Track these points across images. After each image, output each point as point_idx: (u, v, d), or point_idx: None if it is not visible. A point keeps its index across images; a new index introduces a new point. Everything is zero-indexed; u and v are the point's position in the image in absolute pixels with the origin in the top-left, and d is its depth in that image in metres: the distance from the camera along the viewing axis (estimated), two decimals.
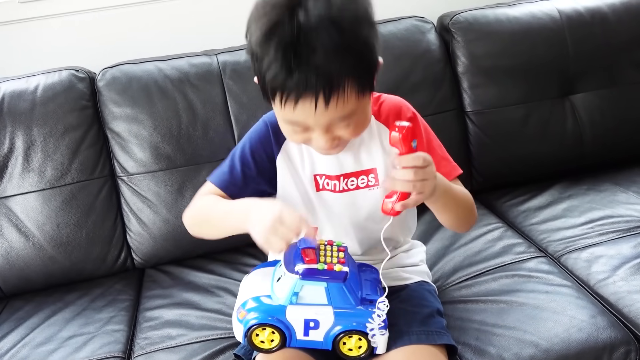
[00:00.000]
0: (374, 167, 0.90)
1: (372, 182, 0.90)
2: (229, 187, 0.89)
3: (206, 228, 0.90)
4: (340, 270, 0.81)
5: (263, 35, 0.71)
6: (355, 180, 0.90)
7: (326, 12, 0.69)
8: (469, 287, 1.03)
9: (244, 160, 0.90)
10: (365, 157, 0.90)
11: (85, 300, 1.17)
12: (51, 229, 1.20)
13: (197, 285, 1.18)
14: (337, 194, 0.91)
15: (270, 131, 0.90)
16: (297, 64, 0.69)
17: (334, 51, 0.69)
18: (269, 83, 0.73)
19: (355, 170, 0.90)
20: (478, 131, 1.39)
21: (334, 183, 0.90)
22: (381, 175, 0.90)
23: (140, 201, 1.25)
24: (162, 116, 1.24)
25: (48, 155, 1.20)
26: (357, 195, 0.91)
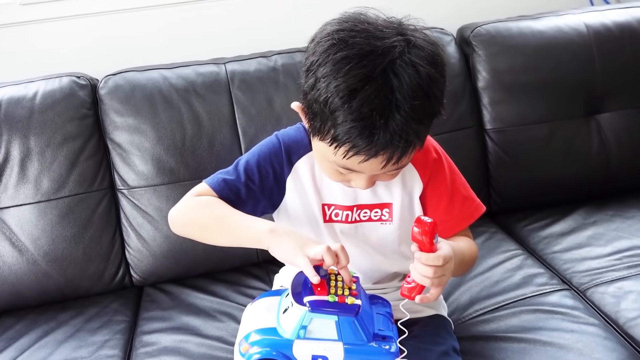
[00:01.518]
0: (391, 202, 0.89)
1: (385, 217, 0.89)
2: (228, 195, 0.87)
3: (199, 231, 0.87)
4: (352, 303, 0.78)
5: (347, 87, 0.70)
6: (368, 213, 0.89)
7: (415, 79, 0.71)
8: (487, 322, 1.00)
9: (249, 172, 0.87)
10: (383, 191, 0.88)
11: (80, 320, 1.14)
12: (46, 244, 1.18)
13: (197, 308, 1.15)
14: (347, 225, 0.89)
15: (282, 150, 0.88)
16: (381, 126, 0.71)
17: (417, 117, 0.72)
18: (340, 135, 0.73)
19: (370, 202, 0.89)
20: (498, 150, 1.36)
21: (345, 214, 0.89)
22: (396, 212, 0.89)
23: (140, 216, 1.23)
24: (165, 127, 1.21)
25: (45, 166, 1.18)
26: (368, 227, 0.89)
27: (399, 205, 0.88)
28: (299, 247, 0.76)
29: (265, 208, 0.91)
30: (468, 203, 0.91)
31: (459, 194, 0.91)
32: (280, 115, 1.25)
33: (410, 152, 0.75)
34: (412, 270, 0.76)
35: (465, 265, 0.89)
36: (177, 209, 0.88)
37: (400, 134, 0.71)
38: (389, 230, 0.89)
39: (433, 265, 0.74)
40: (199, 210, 0.85)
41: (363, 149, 0.72)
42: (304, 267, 0.74)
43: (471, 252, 0.90)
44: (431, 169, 0.89)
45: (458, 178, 0.92)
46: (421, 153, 0.88)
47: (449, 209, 0.90)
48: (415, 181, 0.89)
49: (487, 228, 1.31)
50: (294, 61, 1.28)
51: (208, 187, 0.88)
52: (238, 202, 0.86)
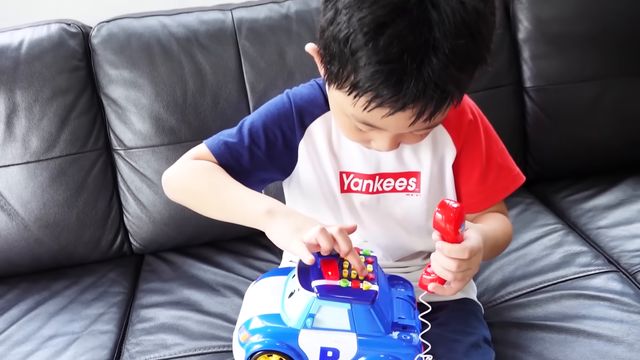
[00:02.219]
0: (419, 170, 0.78)
1: (412, 187, 0.79)
2: (229, 161, 0.77)
3: (192, 200, 0.78)
4: (368, 289, 0.68)
5: (374, 20, 0.57)
6: (392, 182, 0.79)
7: (460, 14, 0.58)
8: (522, 307, 0.90)
9: (254, 135, 0.77)
10: (410, 157, 0.77)
11: (74, 291, 1.08)
12: (37, 208, 1.10)
13: (200, 280, 1.07)
14: (367, 196, 0.79)
15: (294, 111, 0.77)
16: (413, 71, 0.58)
17: (458, 62, 0.59)
18: (362, 82, 0.60)
19: (395, 171, 0.78)
20: (538, 111, 1.24)
21: (366, 183, 0.79)
22: (425, 182, 0.78)
23: (138, 179, 1.14)
24: (165, 82, 1.11)
25: (33, 123, 1.09)
26: (392, 199, 0.79)
27: (428, 174, 0.78)
28: (295, 230, 0.66)
29: (274, 176, 0.81)
30: (505, 173, 0.81)
31: (494, 162, 0.80)
32: (292, 69, 1.14)
33: (445, 106, 0.63)
34: (433, 261, 0.67)
35: (497, 250, 0.79)
36: (172, 172, 0.79)
37: (436, 82, 0.58)
38: (416, 203, 0.79)
39: (457, 259, 0.64)
40: (194, 177, 0.76)
41: (388, 100, 0.60)
42: (297, 252, 0.64)
43: (505, 234, 0.80)
44: (466, 132, 0.78)
45: (495, 144, 0.81)
46: (455, 113, 0.76)
47: (482, 180, 0.79)
48: (448, 146, 0.78)
49: (522, 198, 1.20)
50: (310, 8, 1.16)
51: (207, 149, 0.77)
52: (240, 170, 0.77)
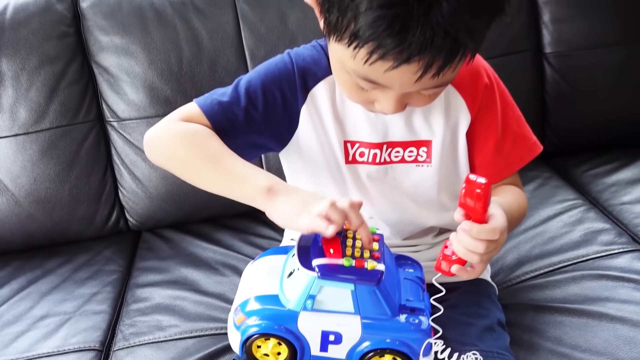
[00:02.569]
0: (430, 139, 0.72)
1: (422, 157, 0.73)
2: (221, 123, 0.70)
3: (179, 168, 0.70)
4: (373, 268, 0.63)
5: None
6: (401, 152, 0.73)
7: None
8: (539, 289, 0.84)
9: (252, 96, 0.70)
10: (421, 124, 0.72)
11: (68, 269, 1.04)
12: (27, 183, 1.06)
13: (198, 258, 1.03)
14: (374, 167, 0.73)
15: (296, 72, 0.71)
16: (420, 17, 0.52)
17: (472, 8, 0.53)
18: (362, 30, 0.54)
19: (404, 139, 0.72)
20: (558, 78, 1.17)
21: (373, 153, 0.73)
22: (436, 152, 0.73)
23: (133, 152, 1.09)
24: (159, 48, 1.05)
25: (21, 94, 1.04)
26: (400, 170, 0.74)
27: (440, 143, 0.72)
28: (302, 206, 0.60)
29: (268, 143, 0.75)
30: (521, 141, 0.76)
31: (510, 130, 0.74)
32: (295, 34, 1.07)
33: (457, 60, 0.57)
34: (456, 244, 0.61)
35: (512, 226, 0.73)
36: (156, 133, 0.71)
37: (445, 29, 0.53)
38: (427, 174, 0.74)
39: (486, 240, 0.58)
40: (182, 142, 0.68)
41: (391, 51, 0.54)
42: (309, 227, 0.59)
43: (520, 208, 0.75)
44: (482, 97, 0.72)
45: (511, 110, 0.75)
46: (470, 76, 0.70)
47: (497, 149, 0.74)
48: (462, 112, 0.72)
49: (540, 172, 1.14)
50: None
51: (198, 109, 0.71)
52: (233, 133, 0.70)
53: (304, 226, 0.59)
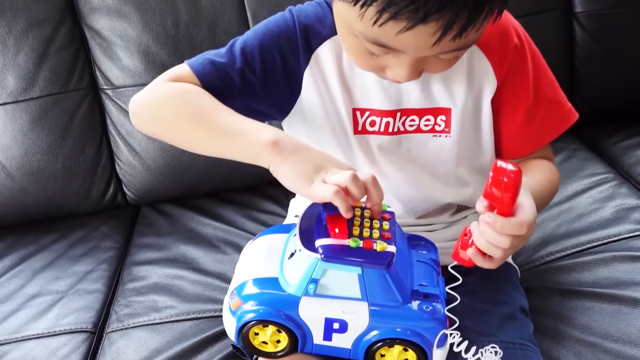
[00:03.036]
0: (449, 107, 0.65)
1: (440, 127, 0.66)
2: (214, 84, 0.63)
3: (170, 132, 0.63)
4: (382, 250, 0.57)
5: None
6: (417, 121, 0.66)
7: None
8: (566, 271, 0.78)
9: (249, 57, 0.64)
10: (440, 90, 0.65)
11: (62, 245, 1.01)
12: (18, 155, 1.02)
13: (199, 235, 0.98)
14: (387, 137, 0.67)
15: (298, 30, 0.64)
16: None
17: None
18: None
19: (420, 106, 0.65)
20: (589, 40, 1.10)
21: (385, 122, 0.66)
22: (456, 121, 0.66)
23: (129, 122, 1.04)
24: (153, 9, 0.99)
25: (8, 59, 0.99)
26: (416, 140, 0.67)
27: (461, 111, 0.65)
28: (314, 170, 0.54)
29: (267, 110, 0.68)
30: (555, 109, 0.68)
31: (543, 96, 0.67)
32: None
33: (482, 18, 0.50)
34: (477, 236, 0.55)
35: (541, 207, 0.67)
36: (143, 96, 0.65)
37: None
38: (445, 146, 0.67)
39: (512, 235, 0.52)
40: (169, 101, 0.62)
41: (405, 8, 0.47)
42: (321, 196, 0.53)
43: (551, 186, 0.69)
44: (511, 60, 0.64)
45: (544, 74, 0.68)
46: (497, 36, 0.63)
47: (528, 118, 0.67)
48: (487, 77, 0.65)
49: (567, 144, 1.07)
50: None
51: (189, 69, 0.64)
52: (228, 96, 0.63)
53: (317, 195, 0.53)
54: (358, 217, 0.61)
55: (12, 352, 0.78)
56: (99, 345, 0.80)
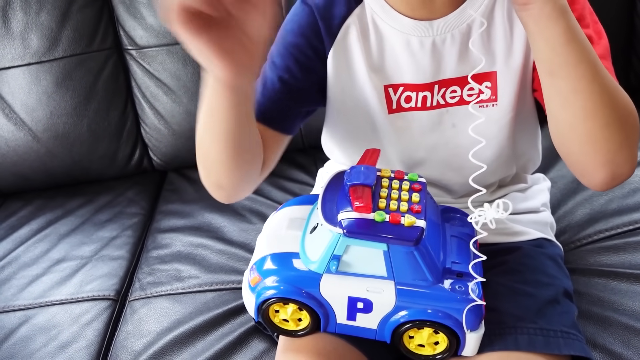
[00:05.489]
0: (493, 70, 0.59)
1: (486, 96, 0.60)
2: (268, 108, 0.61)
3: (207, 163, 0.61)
4: (411, 225, 0.53)
5: None
6: (458, 91, 0.61)
7: None
8: (615, 251, 0.72)
9: (284, 65, 0.61)
10: (481, 52, 0.57)
11: (88, 210, 1.00)
12: (44, 117, 1.00)
13: (223, 204, 0.94)
14: (425, 112, 0.62)
15: (317, 15, 0.60)
16: None
17: None
18: None
19: (461, 74, 0.59)
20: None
21: (422, 96, 0.61)
22: (503, 85, 0.59)
23: (154, 85, 1.01)
24: None
25: (31, 18, 0.97)
26: (460, 114, 0.61)
27: (507, 73, 0.59)
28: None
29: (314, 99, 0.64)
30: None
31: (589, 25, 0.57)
32: None
33: None
34: None
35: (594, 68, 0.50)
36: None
37: None
38: (494, 116, 0.61)
39: None
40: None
41: None
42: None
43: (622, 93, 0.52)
44: None
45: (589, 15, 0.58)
46: None
47: None
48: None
49: None
50: None
51: None
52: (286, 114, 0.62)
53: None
54: (385, 187, 0.57)
55: (36, 316, 0.79)
56: (122, 313, 0.79)
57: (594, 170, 0.53)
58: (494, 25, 0.58)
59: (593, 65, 0.50)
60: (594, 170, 0.53)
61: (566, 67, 0.49)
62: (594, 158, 0.52)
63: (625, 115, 0.51)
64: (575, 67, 0.49)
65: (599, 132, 0.51)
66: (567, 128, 0.52)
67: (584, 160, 0.53)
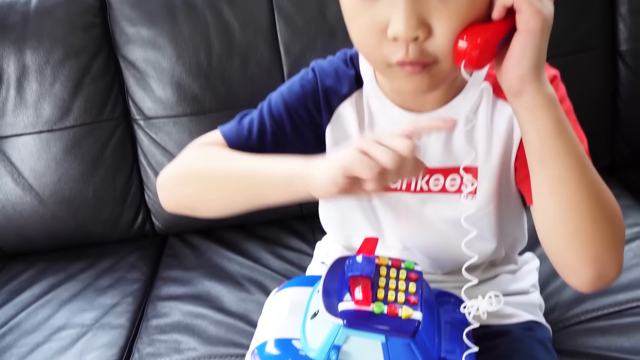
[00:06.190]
0: (475, 165, 0.63)
1: (467, 187, 0.63)
2: (246, 147, 0.63)
3: (201, 191, 0.61)
4: (408, 317, 0.56)
5: None
6: (441, 180, 0.64)
7: None
8: (602, 334, 0.74)
9: (276, 117, 0.64)
10: (462, 146, 0.62)
11: (91, 274, 1.02)
12: (51, 182, 1.04)
13: (224, 271, 0.98)
14: (410, 195, 0.65)
15: (319, 87, 0.64)
16: None
17: None
18: None
19: (444, 165, 0.63)
20: (634, 80, 1.06)
21: (407, 180, 0.65)
22: (485, 180, 0.62)
23: (159, 153, 1.05)
24: (187, 42, 1.00)
25: (45, 88, 1.01)
26: (442, 201, 0.65)
27: (489, 168, 0.62)
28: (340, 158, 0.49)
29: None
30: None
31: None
32: (334, 27, 0.99)
33: None
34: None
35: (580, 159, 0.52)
36: (170, 167, 0.64)
37: None
38: (474, 206, 0.64)
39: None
40: (199, 162, 0.62)
41: None
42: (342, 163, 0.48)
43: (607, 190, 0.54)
44: None
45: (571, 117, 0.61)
46: None
47: None
48: (514, 127, 0.61)
49: None
50: None
51: (220, 136, 0.65)
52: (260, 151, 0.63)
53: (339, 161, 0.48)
54: (383, 277, 0.60)
55: None
56: None
57: (580, 268, 0.53)
58: (477, 124, 0.62)
59: (581, 157, 0.52)
60: (581, 268, 0.53)
61: (556, 157, 0.51)
62: (580, 254, 0.52)
63: (611, 214, 0.53)
64: (565, 157, 0.51)
65: (585, 226, 0.51)
66: (554, 220, 0.53)
67: (571, 256, 0.53)
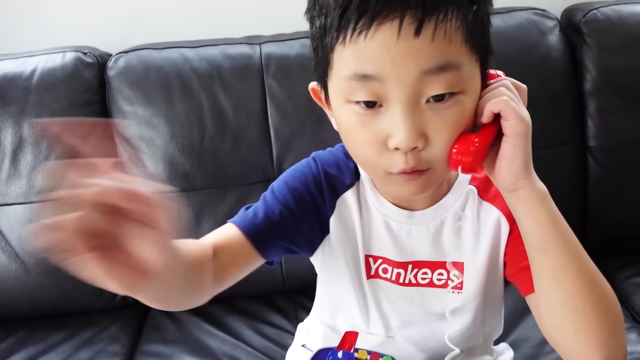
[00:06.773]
0: (462, 261, 0.66)
1: (453, 282, 0.66)
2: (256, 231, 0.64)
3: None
4: None
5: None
6: (429, 274, 0.67)
7: None
8: None
9: (281, 199, 0.66)
10: (451, 244, 0.66)
11: (70, 346, 1.02)
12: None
13: (204, 347, 0.99)
14: (399, 287, 0.68)
15: (321, 175, 0.67)
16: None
17: None
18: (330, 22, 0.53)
19: (432, 259, 0.67)
20: (602, 174, 1.11)
21: (396, 272, 0.68)
22: (471, 276, 0.65)
23: None
24: (181, 122, 1.04)
25: (40, 161, 1.04)
26: (428, 293, 0.68)
27: (475, 264, 0.66)
28: None
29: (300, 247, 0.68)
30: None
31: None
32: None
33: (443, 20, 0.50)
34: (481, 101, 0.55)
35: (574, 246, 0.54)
36: None
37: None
38: (460, 300, 0.67)
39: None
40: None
41: (358, 14, 0.50)
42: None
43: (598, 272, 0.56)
44: None
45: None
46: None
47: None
48: (501, 226, 0.65)
49: None
50: None
51: (234, 226, 0.65)
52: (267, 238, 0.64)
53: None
54: None
55: None
56: None
57: (590, 354, 0.53)
58: (464, 222, 0.66)
59: (577, 244, 0.55)
60: (590, 354, 0.53)
61: (555, 245, 0.54)
62: (589, 339, 0.53)
63: (610, 298, 0.55)
64: (562, 244, 0.54)
65: (591, 310, 0.53)
66: (560, 307, 0.54)
67: (579, 342, 0.53)
